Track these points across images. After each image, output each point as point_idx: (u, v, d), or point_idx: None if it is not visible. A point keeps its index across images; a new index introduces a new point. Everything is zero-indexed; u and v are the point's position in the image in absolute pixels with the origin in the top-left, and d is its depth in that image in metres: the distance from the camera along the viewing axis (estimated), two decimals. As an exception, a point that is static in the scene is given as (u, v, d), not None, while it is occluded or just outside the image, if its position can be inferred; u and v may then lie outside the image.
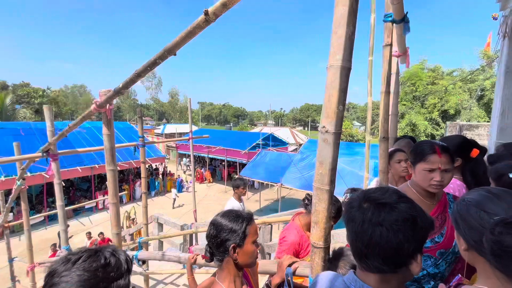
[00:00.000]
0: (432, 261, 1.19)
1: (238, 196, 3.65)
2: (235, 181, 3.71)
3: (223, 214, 1.14)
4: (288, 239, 1.73)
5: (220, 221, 1.10)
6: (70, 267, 0.64)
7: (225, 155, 17.73)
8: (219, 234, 1.07)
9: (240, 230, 1.07)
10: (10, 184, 9.45)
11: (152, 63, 1.48)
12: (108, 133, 2.12)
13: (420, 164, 1.20)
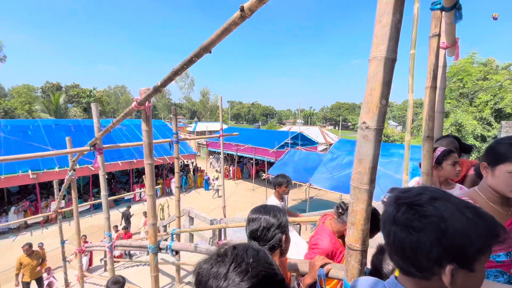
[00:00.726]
0: (506, 278, 1.04)
1: (279, 194, 3.27)
2: (277, 178, 3.28)
3: (256, 209, 1.20)
4: (322, 246, 1.66)
5: (263, 219, 1.16)
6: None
7: (253, 153, 17.88)
8: (268, 233, 1.14)
9: (284, 223, 1.16)
10: (63, 174, 10.59)
11: (188, 61, 1.53)
12: (147, 129, 2.25)
13: (503, 166, 1.02)
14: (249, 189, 17.88)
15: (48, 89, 36.43)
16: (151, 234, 2.40)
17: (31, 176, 11.11)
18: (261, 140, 18.77)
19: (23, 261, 5.84)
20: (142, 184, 14.93)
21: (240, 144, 18.58)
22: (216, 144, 21.20)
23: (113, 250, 3.27)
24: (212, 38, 1.35)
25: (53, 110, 28.17)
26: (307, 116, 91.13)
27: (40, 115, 26.10)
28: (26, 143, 12.47)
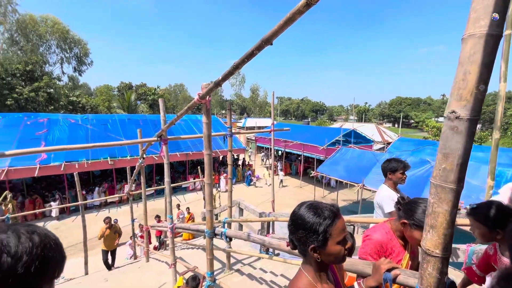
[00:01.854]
0: None
1: (393, 183, 2.60)
2: (389, 163, 2.60)
3: (306, 206, 1.02)
4: (373, 237, 1.50)
5: (300, 216, 1.00)
6: None
7: (302, 150, 17.54)
8: (297, 231, 1.00)
9: (320, 231, 0.95)
10: (134, 162, 12.18)
11: (249, 54, 1.56)
12: (207, 122, 2.40)
13: None
14: (296, 186, 17.67)
15: (122, 88, 42.18)
16: (208, 220, 2.58)
17: (110, 162, 13.09)
18: (310, 136, 18.28)
19: (104, 230, 6.94)
20: (197, 175, 16.13)
21: (289, 141, 18.43)
22: (264, 139, 21.48)
23: (174, 231, 3.63)
24: (275, 29, 1.34)
25: (126, 107, 32.57)
26: (361, 112, 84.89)
27: (116, 111, 30.48)
28: (106, 134, 14.72)
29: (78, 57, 30.52)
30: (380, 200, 2.66)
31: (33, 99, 21.54)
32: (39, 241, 0.59)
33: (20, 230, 0.59)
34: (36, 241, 0.58)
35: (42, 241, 0.59)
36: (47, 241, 0.61)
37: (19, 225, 0.61)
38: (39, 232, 0.61)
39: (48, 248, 0.60)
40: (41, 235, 0.61)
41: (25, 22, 24.95)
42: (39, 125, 14.16)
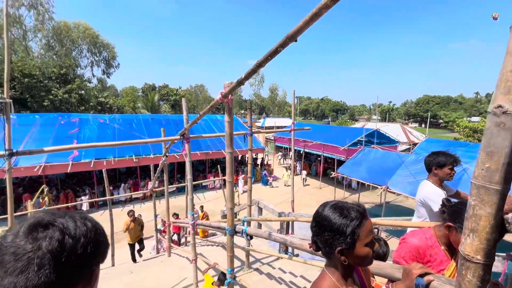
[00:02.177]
0: None
1: (439, 180, 2.32)
2: (436, 157, 2.30)
3: (330, 207, 0.97)
4: (409, 241, 1.40)
5: (325, 217, 0.95)
6: None
7: (322, 150, 17.21)
8: (322, 233, 0.95)
9: (348, 233, 0.90)
10: (157, 160, 12.65)
11: (273, 51, 1.55)
12: (229, 120, 2.42)
13: None
14: (316, 187, 17.37)
15: (146, 89, 43.97)
16: (228, 217, 2.61)
17: (134, 160, 13.70)
18: (330, 136, 17.88)
19: (128, 223, 7.25)
20: (216, 174, 16.40)
21: (308, 141, 18.16)
22: (283, 139, 21.35)
23: (195, 227, 3.72)
24: (300, 25, 1.33)
25: (149, 107, 33.92)
26: (385, 111, 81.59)
27: (141, 111, 31.84)
28: (132, 133, 15.42)
29: (107, 60, 32.28)
30: (425, 196, 2.32)
31: (66, 100, 23.11)
32: (91, 226, 0.65)
33: (75, 216, 0.65)
34: (89, 226, 0.64)
35: (94, 226, 0.66)
36: (98, 227, 0.67)
37: (73, 212, 0.68)
38: (90, 219, 0.68)
39: (99, 233, 0.66)
40: (92, 221, 0.67)
41: (60, 29, 26.85)
42: (71, 124, 15.18)
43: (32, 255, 0.55)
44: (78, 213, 0.68)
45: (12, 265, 0.55)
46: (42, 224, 0.59)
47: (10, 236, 0.58)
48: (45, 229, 0.58)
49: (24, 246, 0.56)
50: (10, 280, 0.54)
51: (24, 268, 0.54)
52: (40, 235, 0.57)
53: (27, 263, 0.55)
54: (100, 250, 0.65)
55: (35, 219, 0.61)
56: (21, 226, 0.60)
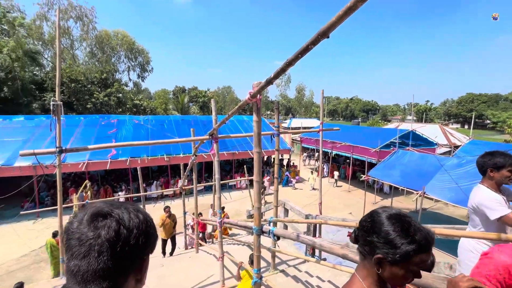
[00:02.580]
0: None
1: (495, 183, 2.07)
2: (493, 157, 2.05)
3: (396, 215, 0.87)
4: (497, 257, 1.13)
5: (384, 222, 0.86)
6: None
7: (351, 152, 16.53)
8: (371, 234, 0.88)
9: (400, 251, 0.81)
10: (186, 159, 13.14)
11: (304, 49, 1.52)
12: (257, 120, 2.42)
13: None
14: (344, 190, 16.76)
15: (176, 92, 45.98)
16: (255, 217, 2.61)
17: (166, 159, 14.39)
18: (360, 138, 17.11)
19: (164, 219, 7.59)
20: (242, 174, 16.59)
21: (337, 142, 17.57)
22: (310, 140, 20.92)
23: (222, 225, 3.78)
24: (333, 21, 1.28)
25: (179, 108, 35.45)
26: (421, 111, 76.07)
27: (172, 112, 33.42)
28: (163, 133, 16.22)
29: (141, 65, 34.39)
30: (478, 203, 2.07)
31: (106, 102, 25.05)
32: (143, 218, 0.69)
33: (129, 208, 0.70)
34: (141, 218, 0.68)
35: (145, 219, 0.70)
36: (148, 219, 0.71)
37: (127, 203, 0.72)
38: (142, 211, 0.72)
39: (149, 225, 0.70)
40: (144, 214, 0.71)
41: (101, 37, 29.22)
42: (110, 125, 16.41)
43: (93, 242, 0.61)
44: (132, 205, 0.72)
45: (77, 249, 0.61)
46: (101, 213, 0.65)
47: (76, 223, 0.65)
48: (104, 218, 0.64)
49: (87, 233, 0.62)
50: (75, 263, 0.61)
51: (86, 253, 0.60)
52: (100, 224, 0.63)
53: (88, 249, 0.60)
54: (150, 241, 0.69)
55: (95, 208, 0.67)
56: (84, 214, 0.66)
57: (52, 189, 13.90)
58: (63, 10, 25.80)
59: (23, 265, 8.67)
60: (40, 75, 25.04)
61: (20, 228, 11.25)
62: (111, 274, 0.61)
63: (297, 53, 1.60)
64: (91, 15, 27.79)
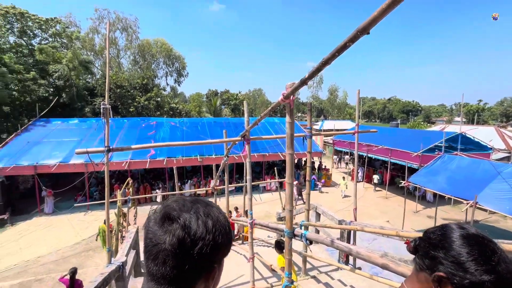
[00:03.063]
0: None
1: None
2: None
3: (474, 236, 0.73)
4: None
5: (456, 241, 0.73)
6: None
7: (389, 155, 15.49)
8: (436, 248, 0.75)
9: (472, 278, 0.67)
10: (218, 160, 13.53)
11: (342, 47, 1.46)
12: (290, 121, 2.40)
13: None
14: (381, 196, 15.75)
15: (209, 95, 47.75)
16: (287, 219, 2.57)
17: (199, 159, 14.98)
18: (399, 141, 15.97)
19: None
20: (272, 176, 16.55)
21: (373, 145, 16.61)
22: (343, 143, 20.08)
23: (253, 226, 3.80)
24: (374, 15, 1.21)
25: (212, 111, 36.71)
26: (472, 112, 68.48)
27: (205, 115, 34.73)
28: (197, 135, 16.92)
29: (178, 70, 36.37)
30: None
31: (146, 106, 26.95)
32: (211, 226, 0.63)
33: (199, 212, 0.64)
34: (209, 227, 0.63)
35: (214, 226, 0.64)
36: (218, 227, 0.65)
37: (199, 204, 0.67)
38: (212, 215, 0.66)
39: (218, 234, 0.63)
40: (214, 219, 0.65)
41: (143, 46, 31.59)
42: (150, 127, 17.62)
43: (161, 246, 0.60)
44: (204, 204, 0.67)
45: (150, 249, 0.61)
46: (170, 217, 0.62)
47: (152, 221, 0.64)
48: (171, 222, 0.61)
49: (158, 235, 0.61)
50: (148, 264, 0.61)
51: (156, 255, 0.60)
52: (168, 228, 0.61)
53: (158, 251, 0.60)
54: (217, 251, 0.64)
55: (167, 208, 0.64)
56: (158, 213, 0.65)
57: (100, 185, 15.33)
58: (111, 23, 28.50)
59: (75, 252, 9.68)
60: (92, 82, 27.93)
61: (73, 219, 12.59)
62: (176, 280, 0.60)
63: (333, 52, 1.55)
64: (134, 26, 30.26)
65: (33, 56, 23.09)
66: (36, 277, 8.02)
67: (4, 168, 12.22)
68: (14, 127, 18.60)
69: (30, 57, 23.26)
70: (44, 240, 10.56)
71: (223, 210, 3.94)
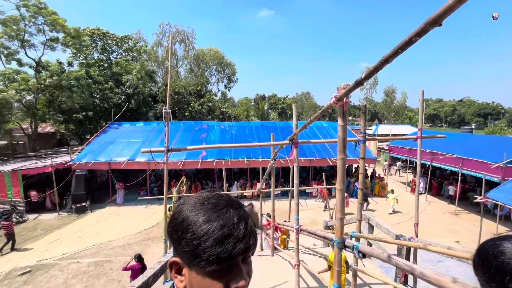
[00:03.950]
0: None
1: None
2: None
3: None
4: None
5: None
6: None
7: (460, 165, 13.40)
8: (501, 276, 0.63)
9: None
10: (264, 163, 13.68)
11: (406, 42, 1.32)
12: (342, 124, 2.27)
13: None
14: (448, 211, 13.72)
15: (257, 99, 48.83)
16: (337, 228, 2.43)
17: (246, 162, 15.38)
18: (474, 149, 13.70)
19: None
20: (320, 182, 15.95)
21: (438, 153, 14.62)
22: (402, 149, 18.15)
23: (299, 232, 3.71)
24: (449, 4, 1.06)
25: (259, 115, 37.42)
26: None
27: (252, 119, 35.66)
28: (245, 138, 17.45)
29: (229, 76, 38.22)
30: None
31: (199, 110, 28.99)
32: (244, 230, 0.58)
33: (242, 215, 0.61)
34: (242, 231, 0.58)
35: (248, 229, 0.60)
36: (249, 229, 0.61)
37: (242, 211, 0.63)
38: (247, 218, 0.62)
39: (248, 236, 0.59)
40: (249, 224, 0.61)
41: (198, 55, 34.17)
42: (202, 130, 18.87)
43: None
44: (239, 208, 0.62)
45: None
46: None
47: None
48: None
49: None
50: None
51: None
52: None
53: None
54: (246, 252, 0.59)
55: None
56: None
57: (158, 181, 17.03)
58: (172, 36, 31.61)
59: (137, 240, 10.91)
60: (154, 89, 31.38)
61: (137, 211, 14.24)
62: None
63: (396, 48, 1.41)
64: (191, 37, 32.97)
65: (111, 69, 27.18)
66: (107, 258, 9.30)
67: (87, 163, 14.57)
68: (95, 129, 22.14)
69: (108, 70, 27.41)
70: (114, 227, 12.19)
71: (270, 213, 3.93)
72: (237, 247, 0.56)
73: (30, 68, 20.36)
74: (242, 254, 0.57)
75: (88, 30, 26.34)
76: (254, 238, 0.61)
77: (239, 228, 0.58)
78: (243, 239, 0.57)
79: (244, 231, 0.58)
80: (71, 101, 20.42)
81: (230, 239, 0.56)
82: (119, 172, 16.55)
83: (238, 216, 0.60)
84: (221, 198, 0.63)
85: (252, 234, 0.60)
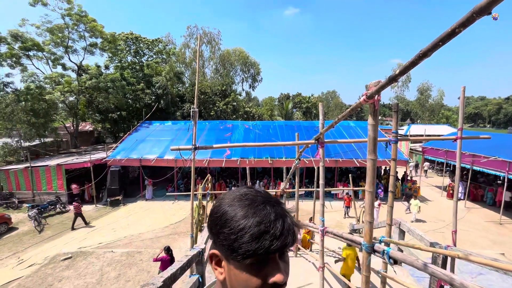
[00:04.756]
0: None
1: None
2: None
3: None
4: None
5: None
6: None
7: (506, 170, 12.14)
8: None
9: None
10: (288, 163, 13.56)
11: (448, 34, 1.23)
12: (373, 123, 2.17)
13: None
14: (491, 220, 12.52)
15: (281, 99, 48.43)
16: (366, 232, 2.34)
17: (269, 161, 15.35)
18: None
19: None
20: (345, 183, 15.42)
21: (480, 155, 13.37)
22: (436, 151, 16.88)
23: (324, 234, 3.62)
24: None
25: (284, 114, 37.13)
26: None
27: (276, 118, 35.50)
28: (269, 137, 17.43)
29: (253, 76, 38.41)
30: None
31: (224, 110, 29.52)
32: (281, 228, 0.58)
33: (279, 213, 0.61)
34: (279, 228, 0.58)
35: (286, 227, 0.59)
36: (287, 227, 0.60)
37: (280, 208, 0.62)
38: (285, 215, 0.62)
39: (286, 233, 0.59)
40: (286, 222, 0.60)
41: (223, 56, 34.79)
42: (227, 129, 19.19)
43: None
44: (280, 208, 0.62)
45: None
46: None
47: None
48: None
49: None
50: None
51: None
52: None
53: None
54: (284, 248, 0.58)
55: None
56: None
57: (185, 178, 17.66)
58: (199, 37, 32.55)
59: (164, 234, 11.42)
60: (182, 90, 32.57)
61: (164, 206, 14.91)
62: None
63: (436, 41, 1.31)
64: (217, 38, 33.66)
65: (142, 71, 28.72)
66: (138, 250, 9.86)
67: (121, 160, 15.56)
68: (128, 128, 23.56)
69: (140, 72, 28.99)
70: (144, 220, 12.88)
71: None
72: (273, 244, 0.56)
73: (72, 71, 22.26)
74: (279, 251, 0.58)
75: (123, 35, 28.08)
76: (292, 236, 0.60)
77: (276, 225, 0.58)
78: (280, 237, 0.57)
79: (282, 229, 0.58)
80: (107, 101, 21.96)
81: (267, 236, 0.56)
82: (148, 168, 17.46)
83: (275, 214, 0.60)
84: (258, 195, 0.64)
85: (289, 232, 0.60)
